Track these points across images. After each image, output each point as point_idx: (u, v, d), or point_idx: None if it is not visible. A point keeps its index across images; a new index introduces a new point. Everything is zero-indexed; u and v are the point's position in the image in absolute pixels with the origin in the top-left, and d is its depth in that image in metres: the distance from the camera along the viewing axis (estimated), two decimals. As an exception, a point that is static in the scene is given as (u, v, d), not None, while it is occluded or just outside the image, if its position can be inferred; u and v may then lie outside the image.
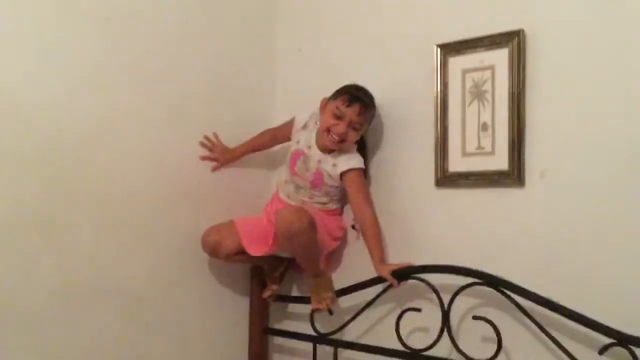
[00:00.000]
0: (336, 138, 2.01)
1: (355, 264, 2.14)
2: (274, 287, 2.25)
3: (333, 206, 2.18)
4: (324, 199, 2.15)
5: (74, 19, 1.86)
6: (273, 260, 2.21)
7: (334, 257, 2.22)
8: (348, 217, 2.18)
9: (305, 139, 2.14)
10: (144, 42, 2.04)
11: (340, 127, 1.99)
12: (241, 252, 2.09)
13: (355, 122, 1.99)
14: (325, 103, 2.06)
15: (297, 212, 1.94)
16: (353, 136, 2.02)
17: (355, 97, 1.99)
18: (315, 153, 2.09)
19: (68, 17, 1.84)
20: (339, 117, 1.99)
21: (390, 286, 1.93)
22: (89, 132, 1.89)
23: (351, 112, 1.98)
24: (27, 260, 1.75)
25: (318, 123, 2.09)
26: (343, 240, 2.21)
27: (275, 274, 2.24)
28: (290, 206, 2.09)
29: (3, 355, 1.69)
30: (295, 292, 2.36)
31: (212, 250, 2.11)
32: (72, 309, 1.84)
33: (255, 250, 2.06)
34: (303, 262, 2.09)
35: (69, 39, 1.84)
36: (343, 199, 2.19)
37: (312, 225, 1.93)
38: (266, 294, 2.26)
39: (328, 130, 2.01)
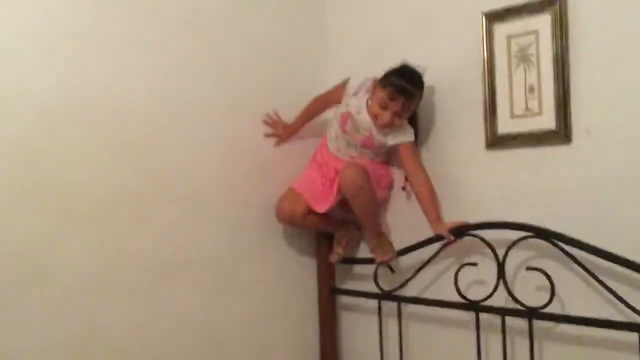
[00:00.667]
0: (382, 125, 2.15)
1: (408, 227, 2.28)
2: (340, 250, 2.42)
3: (380, 159, 2.32)
4: (372, 155, 2.29)
5: (151, 21, 2.06)
6: (341, 227, 2.38)
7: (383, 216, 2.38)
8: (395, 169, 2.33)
9: (354, 105, 2.24)
10: (209, 38, 2.22)
11: (385, 117, 2.12)
12: (312, 213, 2.26)
13: (400, 112, 2.11)
14: (374, 87, 2.17)
15: (359, 172, 2.11)
16: (399, 122, 2.14)
17: (400, 89, 2.08)
18: (366, 119, 2.20)
19: (143, 18, 2.04)
20: (383, 107, 2.12)
21: (447, 243, 2.07)
22: (168, 123, 2.09)
23: (395, 105, 2.09)
24: (121, 239, 1.97)
25: (369, 92, 2.21)
26: (392, 191, 2.36)
27: (342, 240, 2.41)
28: (351, 166, 2.18)
29: (104, 324, 1.92)
30: (359, 255, 2.51)
31: (289, 218, 2.29)
32: (161, 281, 2.06)
33: (320, 207, 2.23)
34: (365, 220, 2.25)
35: (145, 43, 2.04)
36: (390, 153, 2.32)
37: (370, 182, 2.12)
38: (333, 257, 2.43)
39: (375, 116, 2.15)
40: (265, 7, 2.42)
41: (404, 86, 2.08)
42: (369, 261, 2.31)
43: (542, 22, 1.95)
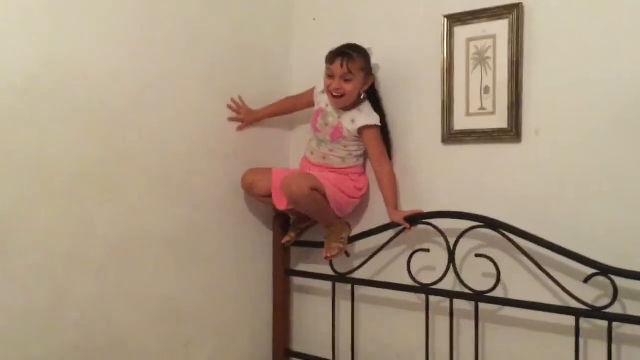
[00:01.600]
0: (334, 94, 2.24)
1: (371, 211, 2.42)
2: (292, 234, 2.51)
3: (352, 162, 2.36)
4: (343, 154, 2.34)
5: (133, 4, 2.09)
6: (301, 214, 2.45)
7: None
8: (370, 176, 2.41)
9: (323, 100, 2.35)
10: (178, 17, 2.24)
11: (334, 84, 2.22)
12: (270, 196, 2.33)
13: (344, 74, 2.20)
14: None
15: (299, 178, 2.19)
16: (349, 88, 2.22)
17: (336, 53, 2.21)
18: (333, 110, 2.31)
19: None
20: (330, 76, 2.23)
21: (403, 230, 2.20)
22: (135, 97, 2.11)
23: (336, 67, 2.20)
24: (87, 213, 1.99)
25: None
26: (364, 199, 2.41)
27: (299, 226, 2.51)
28: (294, 173, 2.29)
29: (68, 298, 1.95)
30: (315, 238, 2.59)
31: (248, 188, 2.38)
32: (126, 255, 2.10)
33: (278, 203, 2.30)
34: (313, 217, 2.38)
35: (118, 16, 2.05)
36: (363, 157, 2.39)
37: (314, 188, 2.16)
38: (285, 239, 2.52)
39: (328, 89, 2.25)
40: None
41: (339, 49, 2.22)
42: (323, 245, 2.40)
43: (500, 28, 2.08)
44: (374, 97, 2.33)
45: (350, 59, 2.20)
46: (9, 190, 1.80)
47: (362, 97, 2.30)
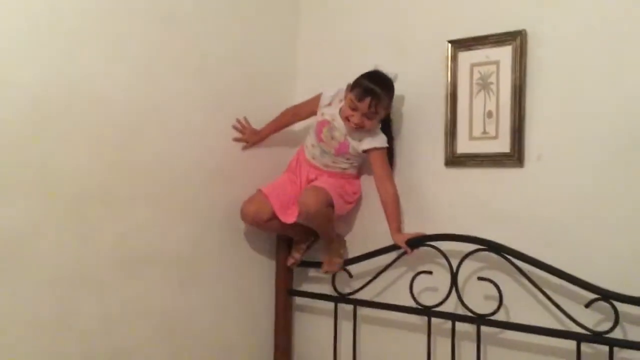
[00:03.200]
0: (354, 126, 2.26)
1: (374, 231, 2.42)
2: (297, 255, 2.53)
3: (351, 171, 2.42)
4: (345, 165, 2.39)
5: (135, 17, 2.11)
6: (302, 233, 2.48)
7: (348, 220, 2.51)
8: (364, 182, 2.46)
9: (330, 114, 2.37)
10: (186, 39, 2.28)
11: (356, 118, 2.23)
12: (276, 217, 2.35)
13: (369, 113, 2.22)
14: (347, 91, 2.29)
15: (316, 195, 2.23)
16: (370, 123, 2.25)
17: (367, 90, 2.19)
18: (341, 126, 2.33)
19: (128, 15, 2.08)
20: (353, 109, 2.23)
21: (404, 253, 2.22)
22: (143, 117, 2.14)
23: (363, 105, 2.20)
24: (93, 230, 2.01)
25: (342, 101, 2.33)
26: (357, 204, 2.47)
27: (301, 245, 2.53)
28: (310, 189, 2.30)
29: (74, 313, 1.96)
30: (317, 259, 2.60)
31: (253, 219, 2.37)
32: (129, 273, 2.11)
33: (287, 218, 2.33)
34: (319, 233, 2.41)
35: (128, 38, 2.09)
36: (362, 166, 2.44)
37: (328, 205, 2.23)
38: (289, 262, 2.54)
39: (347, 118, 2.27)
40: (243, 13, 2.51)
41: (370, 87, 2.20)
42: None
43: (503, 54, 2.12)
44: (386, 119, 2.35)
45: (379, 100, 2.20)
46: (18, 208, 1.82)
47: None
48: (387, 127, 2.35)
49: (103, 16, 2.01)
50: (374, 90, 2.19)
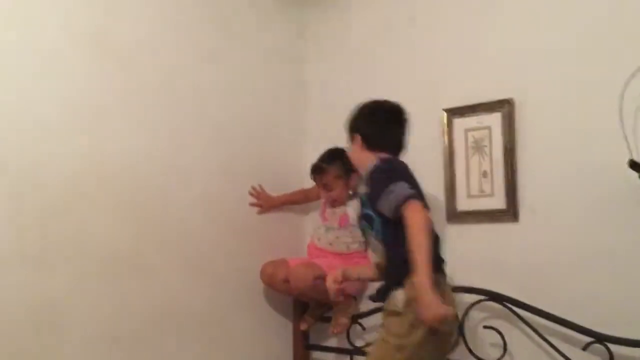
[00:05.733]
0: (329, 204, 2.56)
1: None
2: (311, 320, 2.70)
3: (356, 247, 2.62)
4: (349, 239, 2.61)
5: (157, 94, 2.37)
6: (314, 301, 2.65)
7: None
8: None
9: None
10: (204, 112, 2.54)
11: (322, 194, 2.55)
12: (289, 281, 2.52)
13: (325, 184, 2.53)
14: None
15: (303, 269, 2.42)
16: (334, 195, 2.56)
17: (312, 170, 2.56)
18: None
19: (152, 92, 2.35)
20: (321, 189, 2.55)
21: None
22: (166, 184, 2.37)
23: (318, 181, 2.53)
24: (125, 294, 2.20)
25: None
26: (365, 283, 2.60)
27: (315, 312, 2.70)
28: (300, 264, 2.50)
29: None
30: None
31: (269, 279, 2.56)
32: (159, 330, 2.30)
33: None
34: (320, 301, 2.58)
35: (155, 111, 2.35)
36: (365, 242, 2.64)
37: (318, 278, 2.37)
38: (303, 326, 2.71)
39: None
40: (255, 84, 2.78)
41: (314, 165, 2.55)
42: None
43: (494, 119, 2.34)
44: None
45: (321, 172, 2.53)
46: (59, 276, 2.02)
47: (351, 193, 2.59)
48: None
49: (127, 93, 2.27)
50: (316, 166, 2.54)
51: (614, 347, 1.97)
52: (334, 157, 2.51)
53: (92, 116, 2.16)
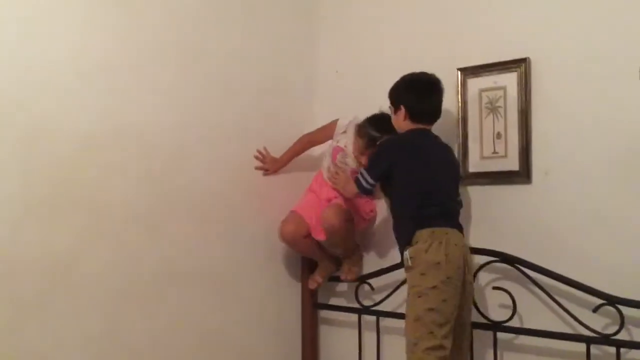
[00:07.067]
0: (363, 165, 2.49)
1: (389, 247, 2.59)
2: (320, 280, 2.71)
3: None
4: None
5: (168, 59, 2.34)
6: (327, 261, 2.68)
7: (366, 237, 2.69)
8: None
9: (344, 142, 2.58)
10: (212, 73, 2.51)
11: (364, 160, 2.47)
12: (310, 237, 2.54)
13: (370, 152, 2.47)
14: (356, 135, 2.52)
15: (337, 211, 2.42)
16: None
17: (371, 140, 2.43)
18: (351, 152, 2.56)
19: (162, 56, 2.32)
20: (362, 153, 2.48)
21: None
22: (181, 148, 2.36)
23: (369, 152, 2.43)
24: (139, 252, 2.21)
25: (354, 130, 2.54)
26: (372, 221, 2.64)
27: (323, 272, 2.70)
28: (331, 206, 2.49)
29: (122, 329, 2.15)
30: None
31: (292, 239, 2.56)
32: (172, 288, 2.31)
33: (318, 235, 2.52)
34: (341, 249, 2.58)
35: (164, 77, 2.33)
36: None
37: (349, 221, 2.42)
38: (312, 285, 2.73)
39: (357, 159, 2.52)
40: (264, 48, 2.73)
41: (375, 137, 2.43)
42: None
43: (509, 79, 2.30)
44: None
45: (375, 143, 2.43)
46: (68, 231, 2.02)
47: None
48: None
49: (142, 52, 2.26)
50: (377, 139, 2.43)
51: (625, 310, 1.97)
52: (391, 129, 2.38)
53: (108, 75, 2.14)
